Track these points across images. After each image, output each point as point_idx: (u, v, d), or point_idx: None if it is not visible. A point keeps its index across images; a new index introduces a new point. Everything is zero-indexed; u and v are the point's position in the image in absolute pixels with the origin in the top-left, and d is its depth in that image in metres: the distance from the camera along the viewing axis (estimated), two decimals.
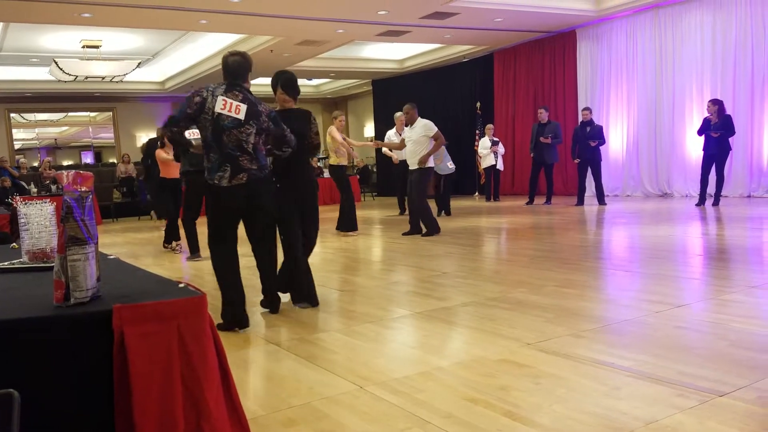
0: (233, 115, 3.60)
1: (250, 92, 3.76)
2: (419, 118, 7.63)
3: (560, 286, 4.41)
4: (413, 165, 7.63)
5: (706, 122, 9.75)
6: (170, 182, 7.43)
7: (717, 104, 9.64)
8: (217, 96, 3.60)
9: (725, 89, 10.92)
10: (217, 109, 3.58)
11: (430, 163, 7.69)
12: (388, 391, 2.56)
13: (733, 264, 4.94)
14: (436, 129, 7.56)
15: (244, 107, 3.63)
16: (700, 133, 9.82)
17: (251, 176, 3.65)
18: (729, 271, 4.69)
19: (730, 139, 9.69)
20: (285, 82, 4.30)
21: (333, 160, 8.67)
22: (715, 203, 9.75)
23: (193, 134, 6.55)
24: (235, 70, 3.72)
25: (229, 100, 3.60)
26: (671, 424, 2.10)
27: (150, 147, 8.85)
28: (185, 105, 3.63)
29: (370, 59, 16.19)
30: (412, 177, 7.68)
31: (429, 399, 2.45)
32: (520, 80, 14.66)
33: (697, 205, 9.82)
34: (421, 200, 7.69)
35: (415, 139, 7.58)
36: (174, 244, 7.55)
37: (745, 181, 10.82)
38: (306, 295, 4.22)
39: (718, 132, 9.50)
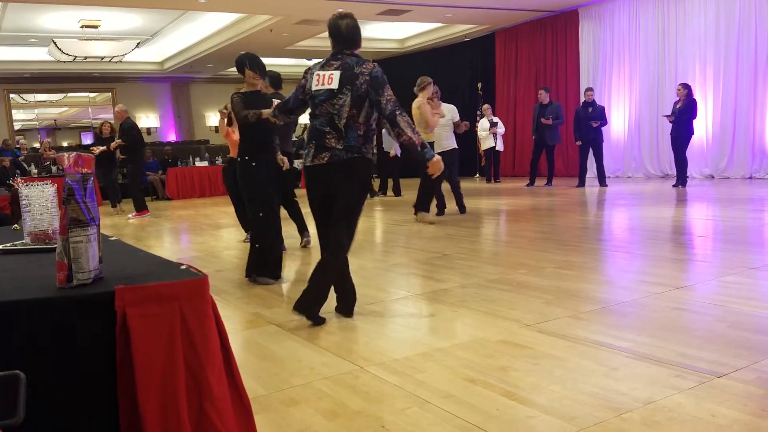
0: (326, 86, 3.23)
1: (355, 55, 3.30)
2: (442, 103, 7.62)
3: (560, 267, 4.42)
4: (440, 148, 7.42)
5: (674, 106, 9.97)
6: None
7: (686, 88, 9.77)
8: (313, 73, 3.31)
9: (728, 71, 10.84)
10: (313, 87, 3.28)
11: (453, 145, 7.70)
12: (388, 371, 2.59)
13: (733, 245, 4.95)
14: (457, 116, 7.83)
15: (337, 74, 3.21)
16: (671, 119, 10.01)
17: (333, 157, 3.21)
18: (729, 252, 4.69)
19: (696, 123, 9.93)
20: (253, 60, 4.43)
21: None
22: (676, 184, 9.93)
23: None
24: (347, 35, 3.31)
25: (322, 73, 3.26)
26: (669, 405, 2.12)
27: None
28: (295, 91, 3.45)
29: (371, 39, 16.03)
30: (445, 160, 7.49)
31: (428, 379, 2.47)
32: (522, 60, 14.54)
33: (673, 186, 9.98)
34: (435, 182, 7.32)
35: (444, 123, 7.53)
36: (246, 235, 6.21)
37: (746, 163, 10.80)
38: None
39: (673, 116, 9.79)
